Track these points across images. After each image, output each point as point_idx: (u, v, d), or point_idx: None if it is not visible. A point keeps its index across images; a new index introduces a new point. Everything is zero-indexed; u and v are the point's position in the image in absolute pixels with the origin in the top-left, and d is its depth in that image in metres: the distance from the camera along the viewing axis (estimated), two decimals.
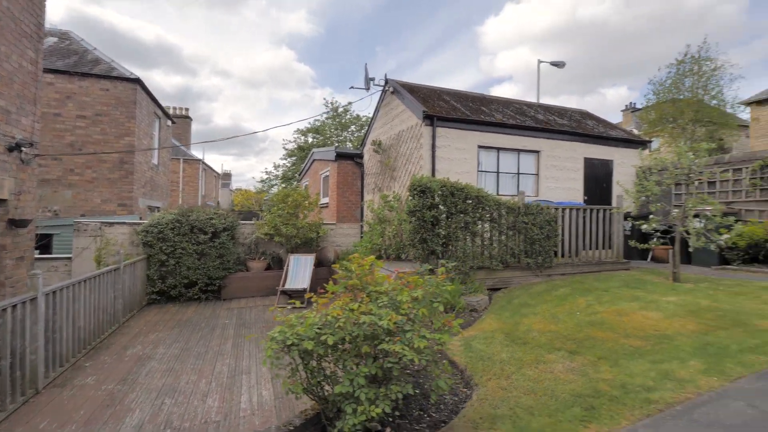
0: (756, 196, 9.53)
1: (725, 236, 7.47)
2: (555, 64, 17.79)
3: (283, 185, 28.91)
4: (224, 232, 8.28)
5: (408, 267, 7.14)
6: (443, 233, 6.56)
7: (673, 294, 5.93)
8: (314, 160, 15.78)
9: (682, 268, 7.88)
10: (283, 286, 7.85)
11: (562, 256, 8.02)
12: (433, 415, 3.12)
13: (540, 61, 17.80)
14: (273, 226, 8.74)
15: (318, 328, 2.52)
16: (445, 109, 9.78)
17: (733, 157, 10.30)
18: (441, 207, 6.59)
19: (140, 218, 10.96)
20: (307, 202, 9.28)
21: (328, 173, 13.94)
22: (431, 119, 9.10)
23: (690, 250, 8.49)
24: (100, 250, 7.81)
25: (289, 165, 29.57)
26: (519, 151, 10.51)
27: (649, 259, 9.99)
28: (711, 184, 10.35)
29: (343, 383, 2.42)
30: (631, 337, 4.30)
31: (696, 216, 7.70)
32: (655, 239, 8.21)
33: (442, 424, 2.97)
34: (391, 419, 2.98)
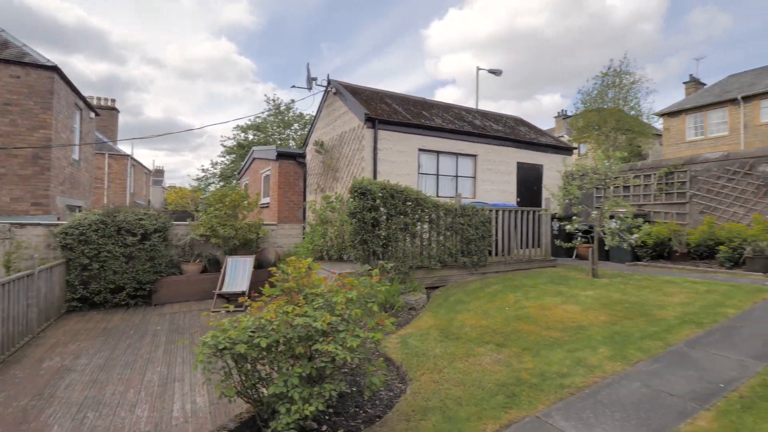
0: (662, 199, 10.70)
1: (635, 236, 8.33)
2: (492, 71, 18.72)
3: (222, 184, 27.77)
4: (155, 233, 7.85)
5: (349, 268, 7.22)
6: (384, 234, 6.71)
7: (591, 289, 6.53)
8: (254, 158, 15.36)
9: (601, 264, 8.68)
10: (220, 289, 7.61)
11: (496, 254, 8.50)
12: (369, 410, 3.23)
13: (479, 69, 18.63)
14: (209, 227, 8.42)
15: (252, 332, 2.52)
16: (387, 112, 9.98)
17: (644, 164, 11.48)
18: (381, 209, 6.74)
19: (58, 219, 10.05)
20: (246, 202, 9.04)
21: (269, 172, 13.63)
22: (373, 122, 9.25)
23: (606, 248, 9.38)
24: (9, 255, 7.07)
25: (227, 162, 28.43)
26: (457, 154, 10.97)
27: (574, 257, 10.87)
28: (626, 188, 11.46)
29: (277, 384, 2.45)
30: (552, 329, 4.70)
31: (612, 217, 8.51)
32: (578, 238, 8.96)
33: (377, 419, 3.08)
34: (327, 417, 3.04)
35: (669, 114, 26.75)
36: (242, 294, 7.35)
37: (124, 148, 24.80)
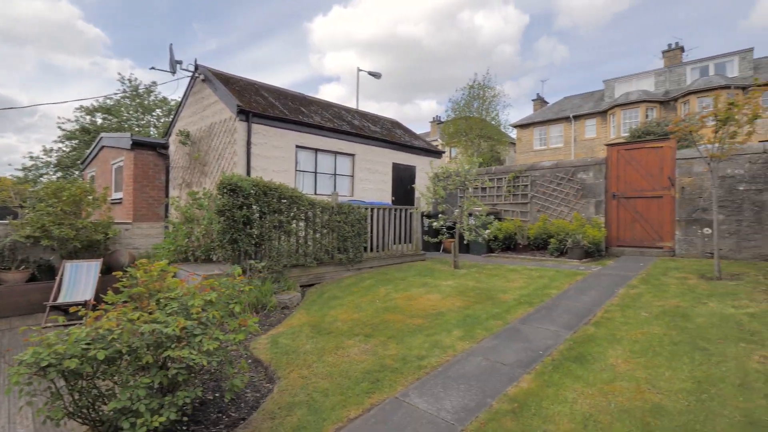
0: (510, 199, 12.39)
1: (488, 231, 9.53)
2: (372, 74, 19.38)
3: (59, 175, 23.46)
4: None
5: (217, 269, 6.80)
6: (256, 233, 6.48)
7: (452, 279, 7.27)
8: (103, 146, 13.32)
9: (462, 257, 9.70)
10: (55, 299, 6.46)
11: (372, 250, 8.86)
12: (233, 414, 3.12)
13: (359, 70, 19.12)
14: (39, 226, 7.05)
15: (87, 344, 2.23)
16: (263, 106, 9.62)
17: (497, 169, 13.14)
18: (254, 206, 6.50)
19: None
20: (91, 197, 7.82)
21: (122, 163, 11.95)
22: (247, 114, 8.83)
23: (466, 242, 10.52)
24: None
25: (67, 150, 24.06)
26: (336, 153, 11.13)
27: (441, 251, 11.91)
28: (483, 189, 12.97)
29: (120, 398, 2.21)
30: (415, 317, 5.11)
31: (471, 215, 9.58)
32: (444, 234, 9.86)
33: (241, 421, 3.00)
34: (184, 427, 2.85)
35: (521, 126, 31.29)
36: (85, 304, 6.36)
37: None
